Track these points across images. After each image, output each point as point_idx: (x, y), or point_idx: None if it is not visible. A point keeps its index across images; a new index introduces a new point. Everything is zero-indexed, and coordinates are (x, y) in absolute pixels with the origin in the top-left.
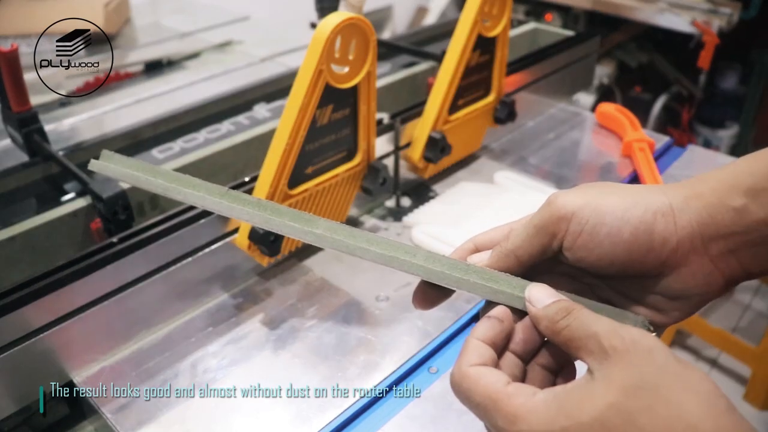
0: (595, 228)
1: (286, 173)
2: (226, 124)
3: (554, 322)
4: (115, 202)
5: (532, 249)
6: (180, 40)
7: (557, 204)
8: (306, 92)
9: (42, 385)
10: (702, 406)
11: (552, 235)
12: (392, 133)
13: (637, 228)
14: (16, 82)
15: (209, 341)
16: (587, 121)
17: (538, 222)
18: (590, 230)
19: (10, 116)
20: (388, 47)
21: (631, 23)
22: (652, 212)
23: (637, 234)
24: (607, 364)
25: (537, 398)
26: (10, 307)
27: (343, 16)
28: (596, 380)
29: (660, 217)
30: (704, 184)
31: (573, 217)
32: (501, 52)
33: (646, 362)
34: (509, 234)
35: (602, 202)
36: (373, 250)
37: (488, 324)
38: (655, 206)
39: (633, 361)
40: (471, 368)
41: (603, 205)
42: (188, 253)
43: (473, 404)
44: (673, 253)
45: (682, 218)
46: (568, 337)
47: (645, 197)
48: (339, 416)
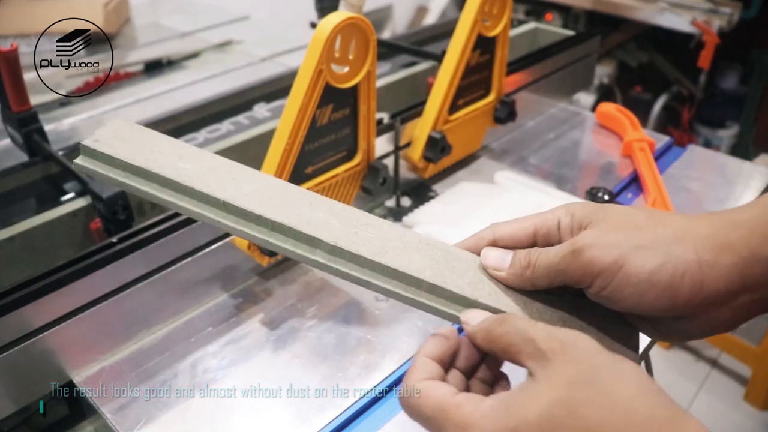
0: (619, 287)
1: (286, 173)
2: (225, 123)
3: (491, 332)
4: (114, 202)
5: (550, 284)
6: (180, 39)
7: (585, 258)
8: (306, 92)
9: (41, 384)
10: (635, 392)
11: (575, 282)
12: (392, 133)
13: (663, 292)
14: (15, 81)
15: (209, 341)
16: (587, 121)
17: (563, 268)
18: (615, 287)
19: (10, 116)
20: (388, 47)
21: (631, 23)
22: (680, 275)
23: (662, 297)
24: (546, 365)
25: (485, 404)
26: (9, 307)
27: (343, 15)
28: (538, 380)
29: (687, 279)
30: (735, 232)
31: (600, 273)
32: (501, 51)
33: (582, 360)
34: (530, 263)
35: (630, 262)
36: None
37: (436, 341)
38: (683, 268)
39: (570, 360)
40: (419, 383)
41: (631, 266)
42: (188, 253)
43: (424, 418)
44: (694, 309)
45: (711, 277)
46: (506, 343)
47: (674, 254)
48: (339, 416)
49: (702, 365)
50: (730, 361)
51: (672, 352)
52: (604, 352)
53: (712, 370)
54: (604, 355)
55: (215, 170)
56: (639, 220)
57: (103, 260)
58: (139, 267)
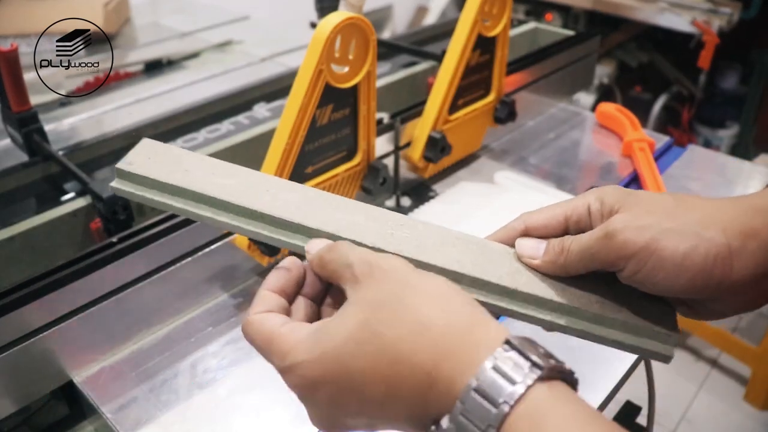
0: (654, 270)
1: (286, 173)
2: (225, 123)
3: (322, 259)
4: (114, 201)
5: (584, 269)
6: (180, 39)
7: (618, 241)
8: (306, 92)
9: (42, 384)
10: (435, 307)
11: (608, 265)
12: (392, 133)
13: (696, 275)
14: (15, 81)
15: (209, 341)
16: (587, 121)
17: (596, 252)
18: (648, 271)
19: (10, 116)
20: (388, 47)
21: (631, 23)
22: (712, 258)
23: (695, 280)
24: (357, 288)
25: (303, 332)
26: (9, 307)
27: (343, 15)
28: (349, 304)
29: (719, 262)
30: (760, 218)
31: (632, 257)
32: (501, 51)
33: (387, 280)
34: (564, 249)
35: (664, 245)
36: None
37: (277, 274)
38: (715, 251)
39: (376, 281)
40: (255, 315)
41: (665, 249)
42: (188, 253)
43: (257, 347)
44: (725, 291)
45: (740, 261)
46: (332, 269)
47: (705, 238)
48: None
49: (702, 365)
50: (730, 361)
51: None
52: (410, 271)
53: (712, 370)
54: (411, 274)
55: (250, 183)
56: (668, 204)
57: (103, 260)
58: (139, 267)
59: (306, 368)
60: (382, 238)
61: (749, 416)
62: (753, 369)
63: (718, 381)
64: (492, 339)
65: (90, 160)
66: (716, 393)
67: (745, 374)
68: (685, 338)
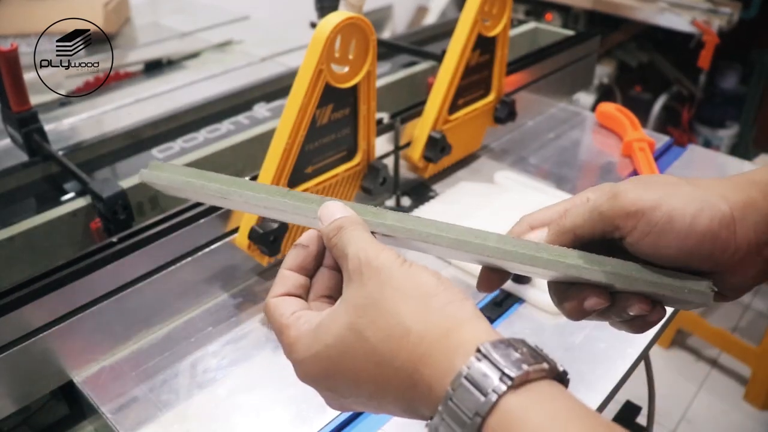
0: (663, 232)
1: (286, 173)
2: (225, 123)
3: (329, 240)
4: (114, 201)
5: (593, 231)
6: (180, 39)
7: (627, 199)
8: (306, 92)
9: (42, 384)
10: (413, 310)
11: (616, 227)
12: (392, 133)
13: (704, 237)
14: (15, 81)
15: (209, 341)
16: (587, 121)
17: (605, 210)
18: (658, 233)
19: (10, 116)
20: (388, 47)
21: (631, 23)
22: (718, 221)
23: (702, 243)
24: (348, 285)
25: (303, 328)
26: (9, 307)
27: (343, 15)
28: (341, 302)
29: (724, 226)
30: (757, 190)
31: (643, 217)
32: (501, 51)
33: (372, 280)
34: (567, 212)
35: (672, 206)
36: (446, 236)
37: (294, 252)
38: (720, 215)
39: (362, 281)
40: (272, 299)
41: (673, 210)
42: (188, 253)
43: (275, 333)
44: (729, 258)
45: (742, 227)
46: (335, 254)
47: (709, 203)
48: (339, 416)
49: (702, 365)
50: (730, 361)
51: (672, 352)
52: (396, 269)
53: (712, 370)
54: (394, 273)
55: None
56: (670, 179)
57: (103, 260)
58: (139, 267)
59: (306, 365)
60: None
61: (749, 416)
62: (753, 369)
63: (718, 381)
64: (468, 344)
65: (90, 160)
66: (716, 393)
67: (745, 374)
68: (686, 338)
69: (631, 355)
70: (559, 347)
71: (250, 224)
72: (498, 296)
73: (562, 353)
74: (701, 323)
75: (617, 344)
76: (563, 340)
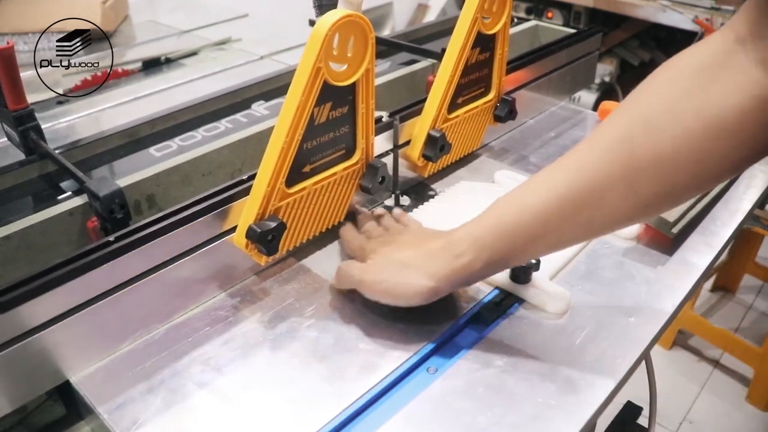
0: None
1: (284, 172)
2: (223, 122)
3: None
4: (111, 200)
5: None
6: (178, 37)
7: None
8: (304, 90)
9: (37, 384)
10: (431, 233)
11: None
12: (391, 132)
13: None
14: (12, 79)
15: (207, 341)
16: (588, 120)
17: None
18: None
19: (7, 114)
20: (387, 45)
21: (632, 21)
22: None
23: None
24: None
25: (359, 264)
26: (5, 306)
27: (342, 13)
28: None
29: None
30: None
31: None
32: (501, 49)
33: (416, 225)
34: None
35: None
36: None
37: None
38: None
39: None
40: (352, 232)
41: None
42: (185, 252)
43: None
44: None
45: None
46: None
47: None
48: (338, 416)
49: (704, 365)
50: (732, 362)
51: (674, 352)
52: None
53: (714, 371)
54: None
55: None
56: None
57: (99, 259)
58: (136, 266)
59: (362, 286)
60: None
61: (751, 417)
62: (755, 369)
63: (720, 381)
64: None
65: (87, 158)
66: (718, 393)
67: (747, 375)
68: (687, 338)
69: (632, 355)
70: (559, 347)
71: (248, 223)
72: (498, 296)
73: (562, 353)
74: (703, 323)
75: (618, 344)
76: (563, 340)
